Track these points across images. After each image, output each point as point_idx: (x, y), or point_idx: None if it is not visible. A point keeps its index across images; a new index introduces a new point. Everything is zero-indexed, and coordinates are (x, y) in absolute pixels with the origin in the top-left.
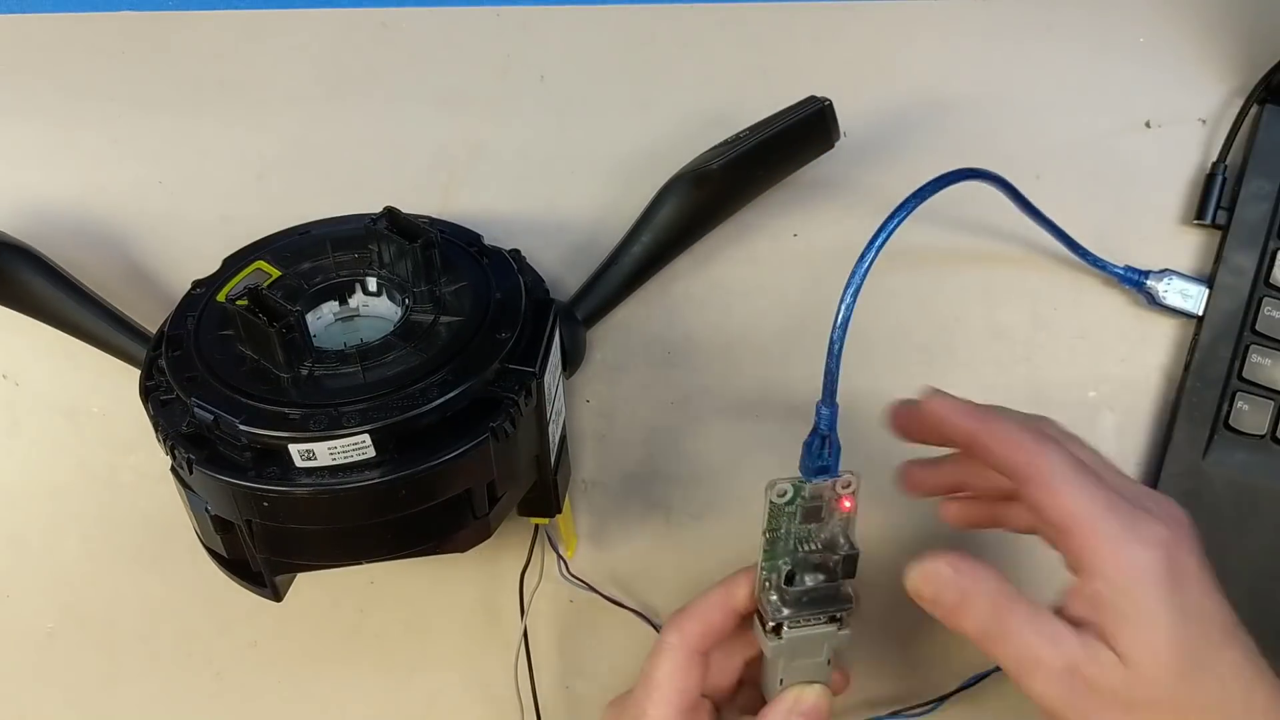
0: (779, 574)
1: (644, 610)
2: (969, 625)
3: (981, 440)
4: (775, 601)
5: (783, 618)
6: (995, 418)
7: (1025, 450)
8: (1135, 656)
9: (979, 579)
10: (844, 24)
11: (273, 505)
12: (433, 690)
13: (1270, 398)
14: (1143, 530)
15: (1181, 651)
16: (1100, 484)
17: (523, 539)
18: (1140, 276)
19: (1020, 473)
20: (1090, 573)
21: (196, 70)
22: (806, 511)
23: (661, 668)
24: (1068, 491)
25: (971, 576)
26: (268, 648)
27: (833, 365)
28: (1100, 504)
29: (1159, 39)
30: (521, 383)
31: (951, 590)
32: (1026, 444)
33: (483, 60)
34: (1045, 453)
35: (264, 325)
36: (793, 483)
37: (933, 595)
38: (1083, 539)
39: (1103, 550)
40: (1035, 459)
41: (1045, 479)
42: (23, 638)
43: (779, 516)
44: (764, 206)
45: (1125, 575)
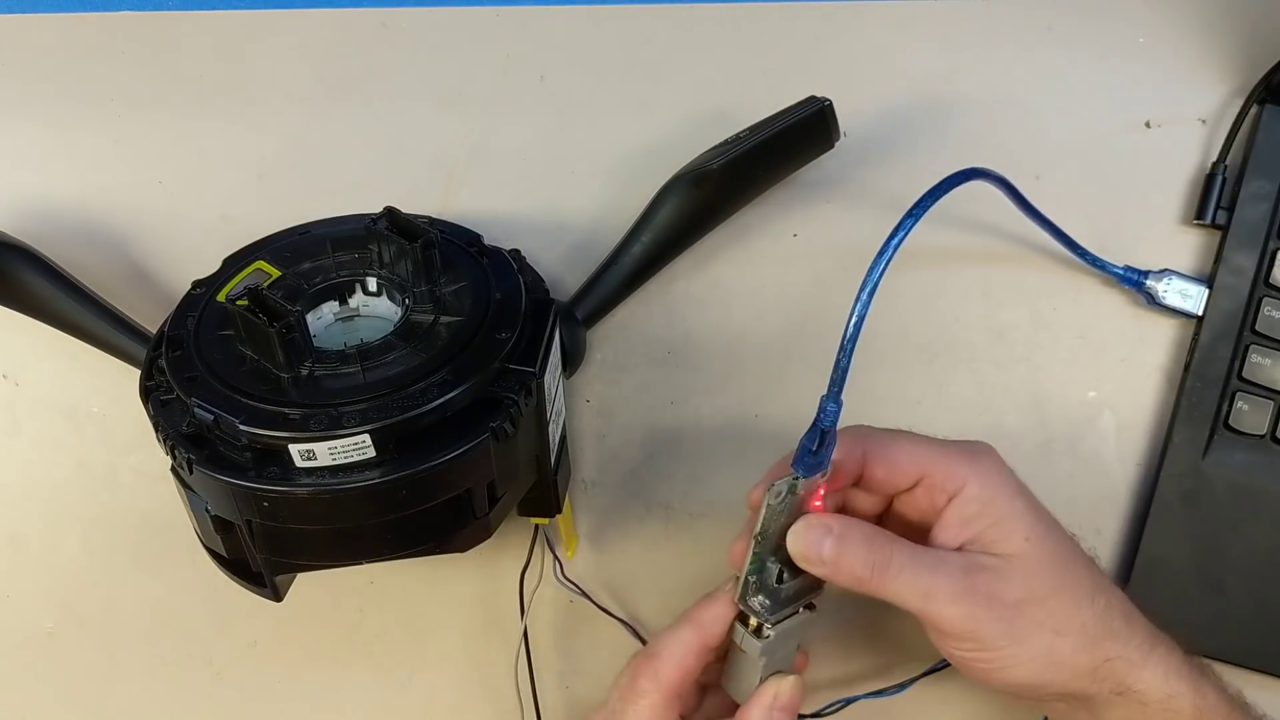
0: (769, 574)
1: (631, 620)
2: (855, 571)
3: None
4: (765, 603)
5: (769, 618)
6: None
7: (857, 436)
8: (1017, 550)
9: (850, 529)
10: (844, 24)
11: (273, 505)
12: (433, 690)
13: (1270, 398)
14: (982, 453)
15: (1050, 542)
16: (924, 437)
17: (523, 539)
18: (1140, 276)
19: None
20: (958, 496)
21: (196, 70)
22: (793, 509)
23: (641, 715)
24: (908, 446)
25: (844, 528)
26: (268, 648)
27: (844, 362)
28: (939, 445)
29: (1159, 39)
30: (521, 383)
31: (829, 545)
32: (852, 434)
33: (483, 60)
34: (869, 432)
35: (264, 325)
36: (788, 482)
37: (814, 554)
38: (943, 472)
39: (960, 473)
40: (870, 438)
41: (886, 447)
42: (23, 638)
43: (771, 517)
44: (764, 206)
45: (988, 487)
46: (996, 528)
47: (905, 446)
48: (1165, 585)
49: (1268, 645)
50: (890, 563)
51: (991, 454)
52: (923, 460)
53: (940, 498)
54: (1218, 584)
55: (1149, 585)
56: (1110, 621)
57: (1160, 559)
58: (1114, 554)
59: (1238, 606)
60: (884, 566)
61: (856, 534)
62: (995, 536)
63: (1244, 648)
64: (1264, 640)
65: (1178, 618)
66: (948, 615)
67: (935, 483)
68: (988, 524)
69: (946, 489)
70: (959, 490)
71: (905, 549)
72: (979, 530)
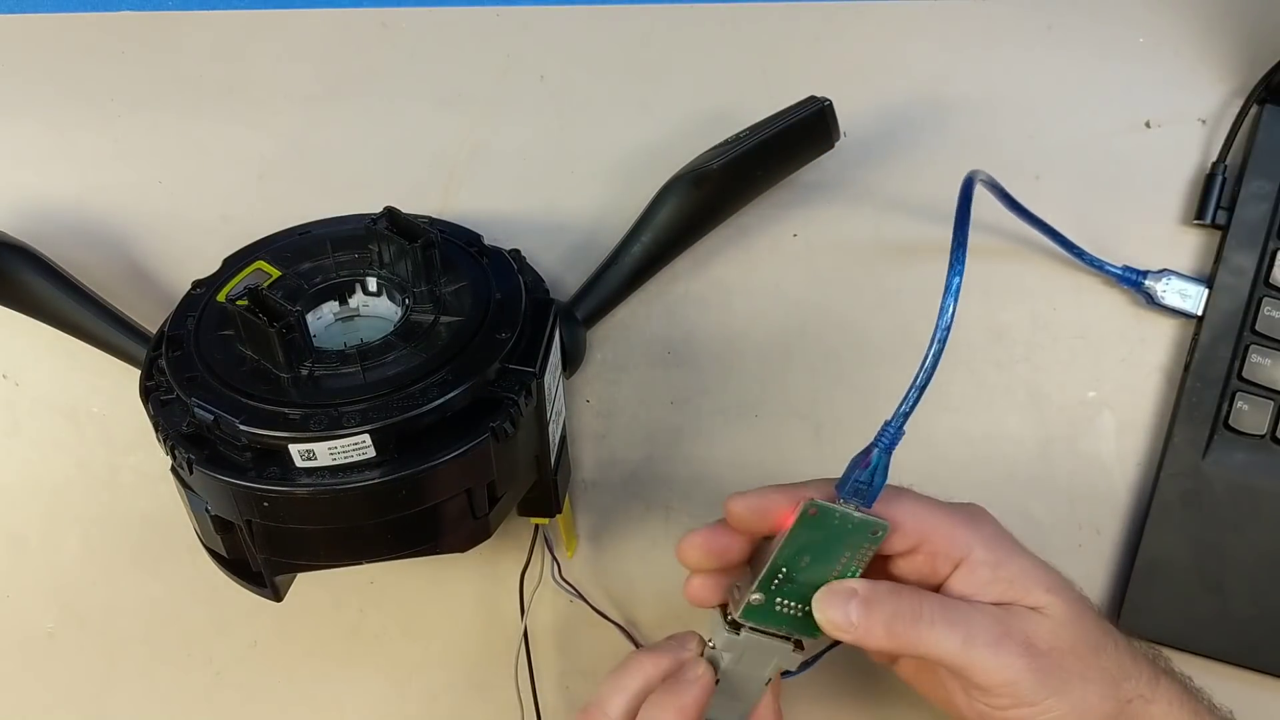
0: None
1: (629, 622)
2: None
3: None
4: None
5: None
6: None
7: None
8: (1042, 602)
9: (874, 586)
10: (844, 24)
11: (273, 505)
12: (433, 690)
13: (1270, 398)
14: (979, 515)
15: (1066, 589)
16: (926, 498)
17: (523, 539)
18: (1139, 276)
19: None
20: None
21: (196, 70)
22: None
23: None
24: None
25: (867, 587)
26: (268, 648)
27: (922, 380)
28: (940, 509)
29: (1159, 39)
30: (521, 383)
31: (854, 608)
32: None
33: (483, 60)
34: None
35: (264, 325)
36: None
37: (842, 621)
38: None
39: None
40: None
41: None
42: (23, 638)
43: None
44: (764, 206)
45: (994, 550)
46: (1016, 586)
47: (907, 508)
48: (1165, 585)
49: (1268, 645)
50: (921, 617)
51: (987, 517)
52: (924, 525)
53: (944, 565)
54: (1218, 584)
55: (1149, 585)
56: (1122, 662)
57: (1160, 559)
58: (1114, 554)
59: (1238, 606)
60: (915, 618)
61: (882, 590)
62: (1018, 594)
63: (1244, 648)
64: (1264, 640)
65: (1178, 618)
66: (989, 665)
67: (937, 549)
68: (1006, 584)
69: (950, 556)
70: (964, 558)
71: (935, 599)
72: (1000, 591)
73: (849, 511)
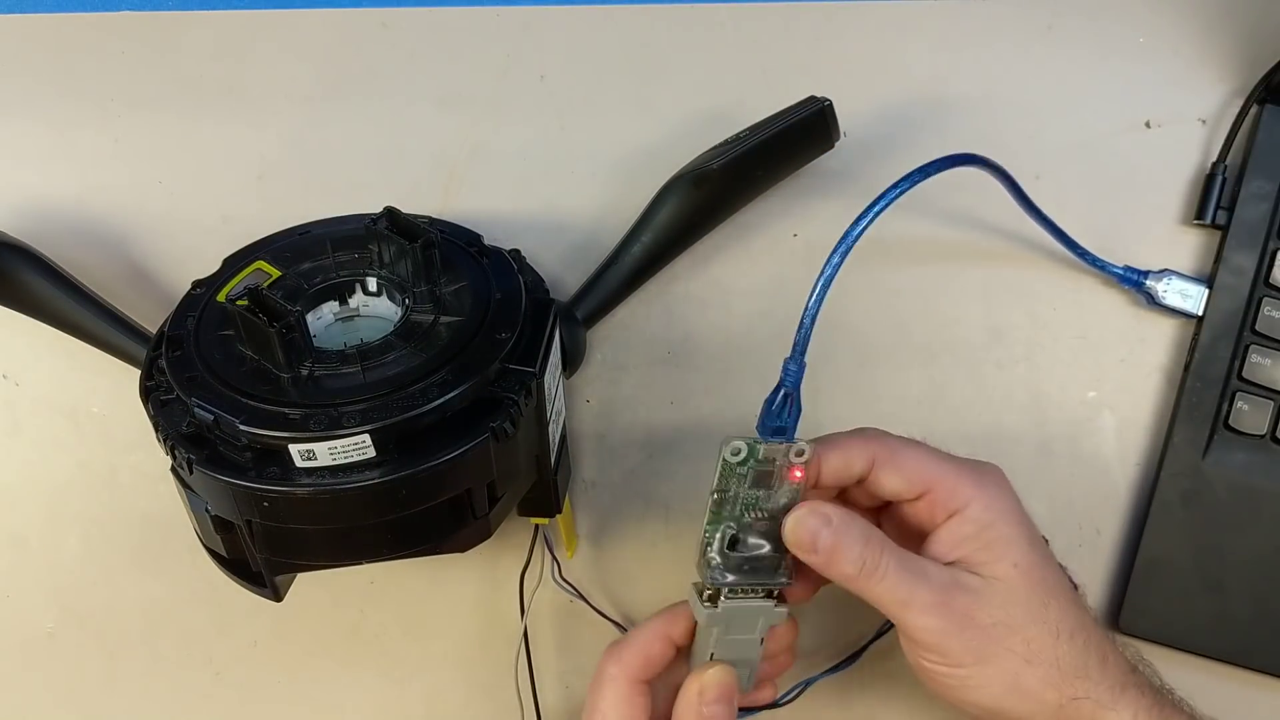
0: (723, 537)
1: (629, 622)
2: (844, 569)
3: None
4: (717, 564)
5: (722, 583)
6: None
7: (869, 438)
8: (1003, 574)
9: (850, 525)
10: (844, 24)
11: (273, 505)
12: (433, 690)
13: (1270, 398)
14: (990, 475)
15: (1039, 573)
16: (937, 450)
17: (523, 539)
18: (1140, 276)
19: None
20: (958, 515)
21: (196, 70)
22: (758, 475)
23: (606, 698)
24: (919, 457)
25: (843, 523)
26: (268, 648)
27: (807, 322)
28: (949, 462)
29: (1159, 39)
30: (521, 383)
31: (825, 536)
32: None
33: (483, 60)
34: (883, 437)
35: (264, 325)
36: (748, 442)
37: (809, 542)
38: (948, 489)
39: (965, 493)
40: (883, 442)
41: (896, 454)
42: (23, 638)
43: (729, 476)
44: (764, 206)
45: (989, 510)
46: (987, 550)
47: (915, 457)
48: (1165, 585)
49: (1268, 645)
50: (878, 567)
51: (999, 477)
52: (930, 474)
53: (940, 514)
54: (1218, 584)
55: (1149, 585)
56: (1086, 660)
57: (1160, 559)
58: (1114, 554)
59: (1238, 606)
60: (872, 569)
61: (854, 531)
62: (985, 558)
63: (1244, 648)
64: (1264, 640)
65: (1178, 618)
66: (920, 625)
67: (938, 499)
68: (980, 545)
69: (948, 506)
70: (960, 509)
71: (894, 554)
72: (971, 550)
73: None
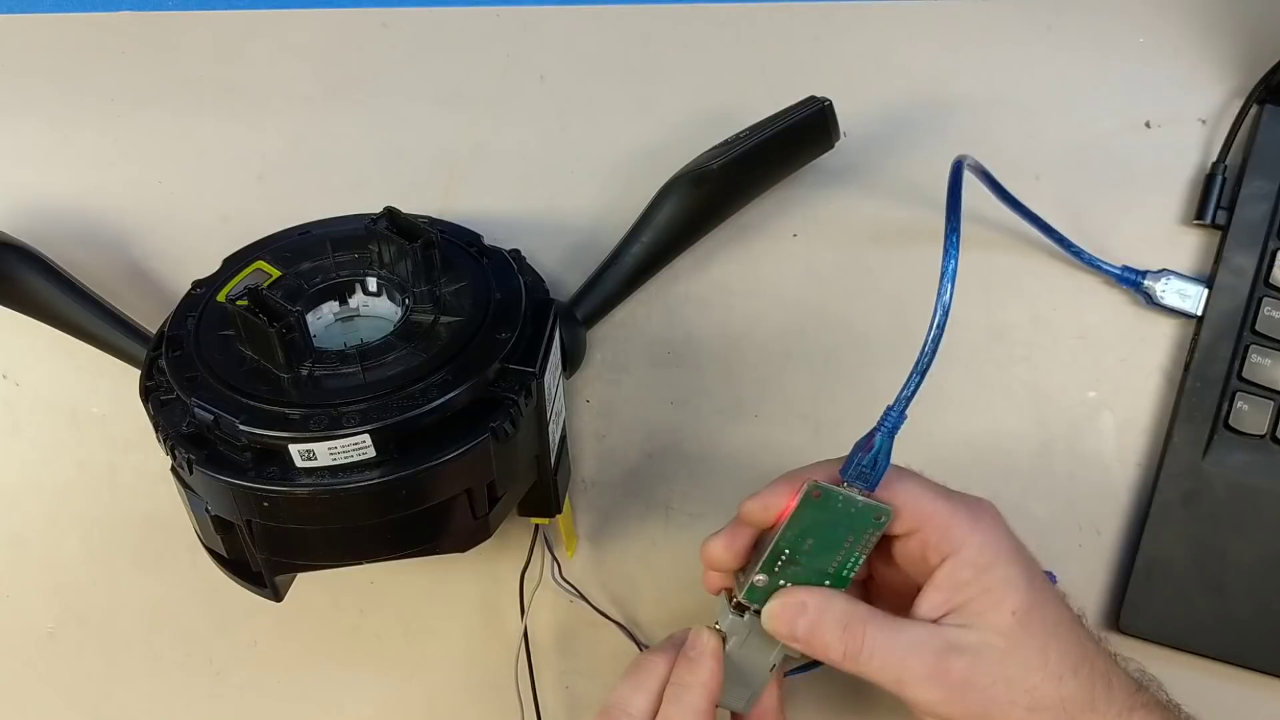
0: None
1: (630, 621)
2: (827, 654)
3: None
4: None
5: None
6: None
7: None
8: (1002, 625)
9: (827, 609)
10: (844, 24)
11: (273, 505)
12: (433, 690)
13: (1270, 398)
14: (983, 514)
15: (1038, 615)
16: (931, 484)
17: (523, 539)
18: (1139, 276)
19: None
20: (953, 558)
21: (196, 70)
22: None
23: None
24: (911, 491)
25: (819, 608)
26: (268, 648)
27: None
28: (941, 496)
29: (1159, 39)
30: (521, 383)
31: (802, 625)
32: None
33: (483, 60)
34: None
35: (264, 325)
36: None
37: (788, 632)
38: (940, 529)
39: (959, 534)
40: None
41: (887, 488)
42: (23, 638)
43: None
44: (764, 206)
45: (985, 553)
46: (985, 597)
47: (910, 493)
48: (1165, 585)
49: (1268, 645)
50: (863, 648)
51: (993, 515)
52: (924, 512)
53: (934, 555)
54: (1218, 584)
55: (1149, 585)
56: (1091, 692)
57: (1160, 559)
58: (1114, 554)
59: (1238, 606)
60: (856, 650)
61: (831, 614)
62: (982, 607)
63: (1244, 648)
64: (1264, 640)
65: (1178, 618)
66: (921, 699)
67: (930, 539)
68: (978, 592)
69: (941, 549)
70: (954, 552)
71: (880, 630)
72: (968, 598)
73: (852, 495)
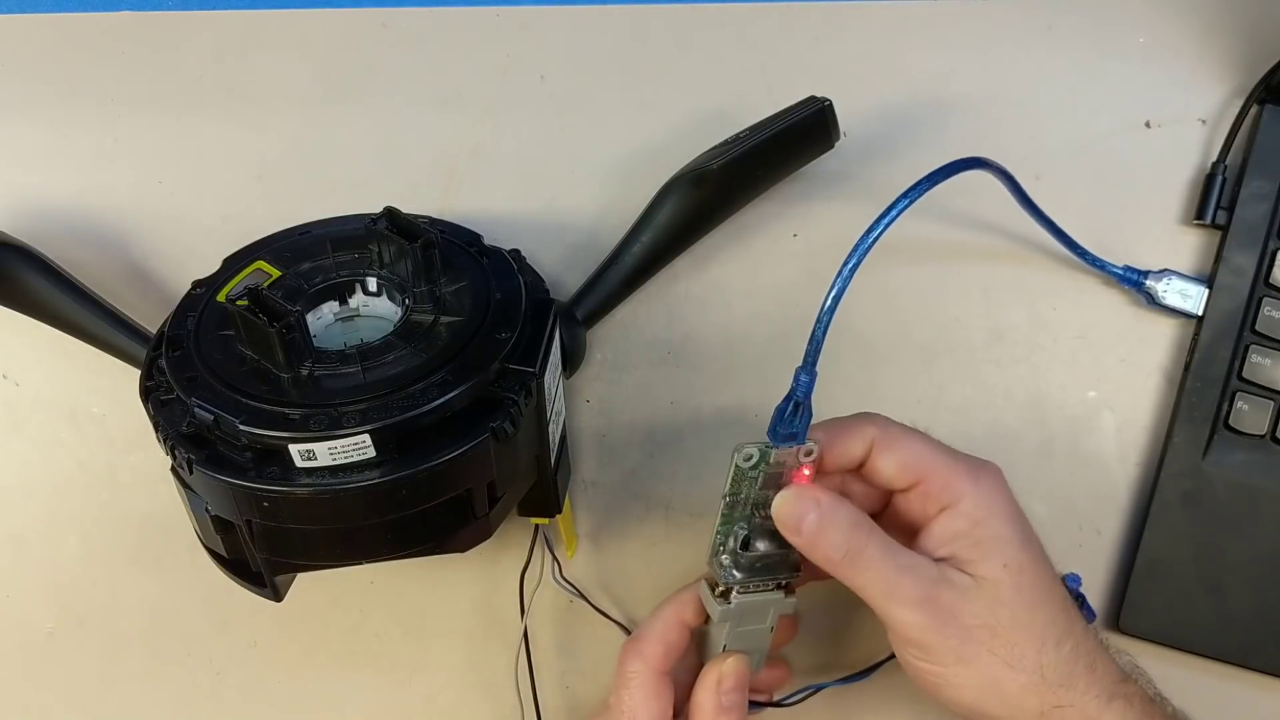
0: (735, 538)
1: (630, 621)
2: (827, 553)
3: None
4: (728, 565)
5: (734, 581)
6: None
7: (870, 422)
8: (992, 575)
9: (837, 510)
10: (844, 24)
11: (273, 505)
12: (433, 690)
13: (1270, 398)
14: (986, 472)
15: (1029, 576)
16: (935, 442)
17: (523, 539)
18: (1140, 276)
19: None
20: (950, 509)
21: (196, 70)
22: (768, 477)
23: (635, 695)
24: (916, 446)
25: (830, 507)
26: (268, 648)
27: (819, 333)
28: (945, 452)
29: (1159, 39)
30: (521, 383)
31: (810, 519)
32: (866, 419)
33: (483, 60)
34: (884, 422)
35: (264, 325)
36: (759, 447)
37: (795, 524)
38: (941, 482)
39: (959, 487)
40: (883, 428)
41: (895, 440)
42: (23, 638)
43: (741, 480)
44: (764, 206)
45: (981, 507)
46: (978, 548)
47: (912, 446)
48: (1165, 585)
49: (1268, 645)
50: (863, 553)
51: (995, 475)
52: (925, 465)
53: (932, 507)
54: (1218, 584)
55: (1149, 585)
56: (1073, 668)
57: (1160, 559)
58: (1114, 554)
59: (1238, 606)
60: (856, 555)
61: (840, 516)
62: (974, 556)
63: (1244, 648)
64: (1264, 640)
65: (1178, 618)
66: (903, 619)
67: (931, 491)
68: (971, 543)
69: (941, 500)
70: (952, 504)
71: (881, 543)
72: (961, 547)
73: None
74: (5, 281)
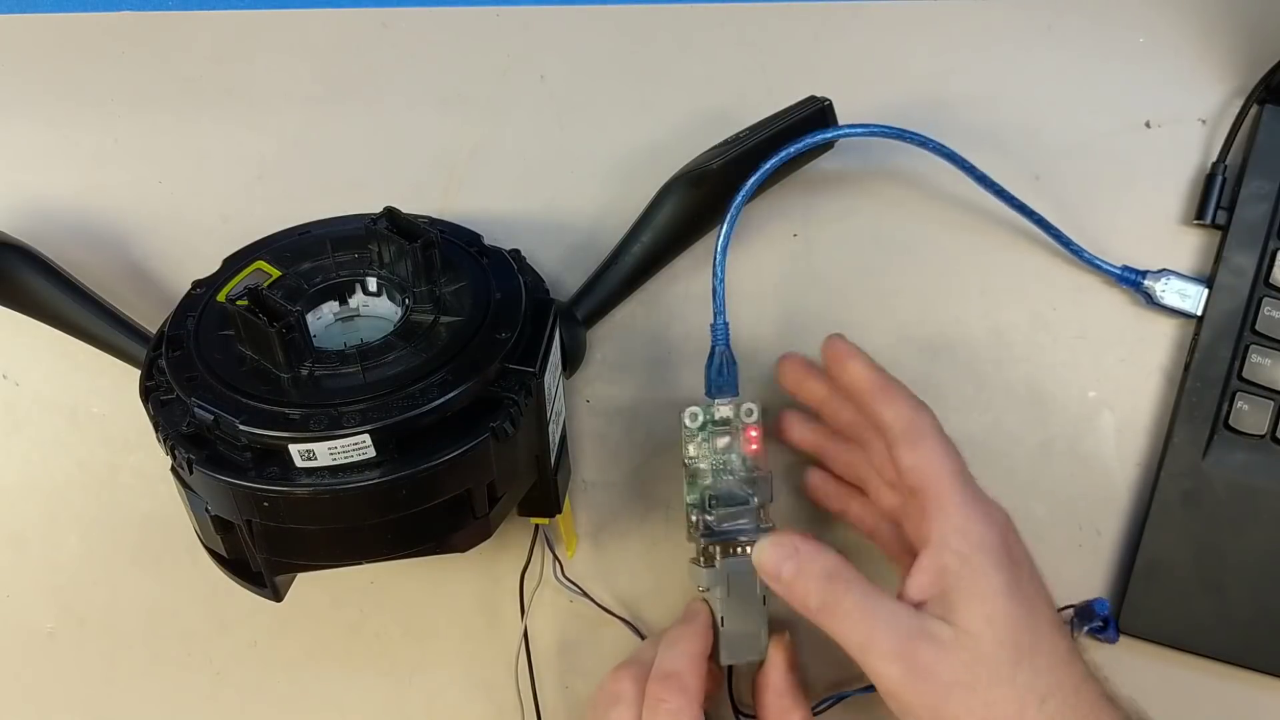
0: (703, 500)
1: (633, 619)
2: (803, 602)
3: (874, 387)
4: (702, 527)
5: (711, 538)
6: (890, 377)
7: (909, 407)
8: (973, 628)
9: (814, 559)
10: (844, 24)
11: (273, 505)
12: (433, 690)
13: (1270, 398)
14: (984, 507)
15: (1015, 628)
16: (958, 456)
17: (523, 539)
18: (1139, 276)
19: (897, 424)
20: (936, 544)
21: (196, 70)
22: (716, 433)
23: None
24: (932, 450)
25: (808, 555)
26: (268, 648)
27: (717, 282)
28: (956, 469)
29: (1159, 39)
30: (521, 383)
31: (788, 569)
32: (911, 403)
33: (483, 60)
34: (924, 414)
35: (264, 325)
36: (701, 406)
37: (773, 572)
38: (936, 500)
39: (950, 516)
40: (915, 416)
41: (917, 435)
42: (23, 638)
43: (691, 441)
44: (764, 206)
45: (969, 545)
46: (964, 593)
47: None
48: (1165, 585)
49: (1268, 645)
50: (839, 605)
51: (995, 515)
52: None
53: (927, 529)
54: (1218, 584)
55: (1149, 585)
56: (1059, 711)
57: (1160, 559)
58: (1114, 554)
59: (1238, 606)
60: (833, 607)
61: (816, 568)
62: (959, 602)
63: (1244, 648)
64: (1264, 640)
65: (1178, 618)
66: (879, 671)
67: (929, 509)
68: (958, 585)
69: (935, 522)
70: (944, 535)
71: (858, 594)
72: (949, 587)
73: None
74: (5, 281)
